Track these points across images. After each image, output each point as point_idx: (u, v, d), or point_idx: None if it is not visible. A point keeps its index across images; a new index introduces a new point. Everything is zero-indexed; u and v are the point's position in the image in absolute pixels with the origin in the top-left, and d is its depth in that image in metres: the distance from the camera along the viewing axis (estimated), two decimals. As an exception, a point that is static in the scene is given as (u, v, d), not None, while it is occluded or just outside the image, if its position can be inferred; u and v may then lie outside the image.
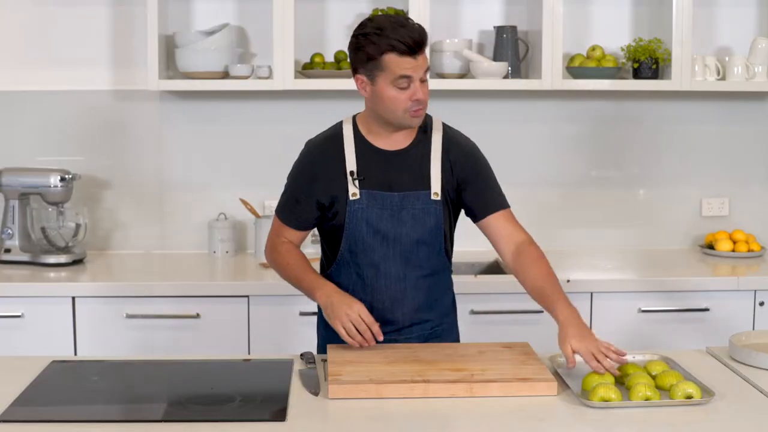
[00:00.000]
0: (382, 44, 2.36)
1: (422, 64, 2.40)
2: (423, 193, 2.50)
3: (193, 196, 3.95)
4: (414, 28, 2.38)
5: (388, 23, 2.38)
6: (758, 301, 3.50)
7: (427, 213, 2.50)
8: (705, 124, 4.05)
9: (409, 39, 2.35)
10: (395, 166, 2.50)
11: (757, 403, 2.16)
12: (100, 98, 3.89)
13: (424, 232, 2.51)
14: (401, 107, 2.41)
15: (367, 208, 2.48)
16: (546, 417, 2.07)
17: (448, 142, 2.55)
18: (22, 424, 2.02)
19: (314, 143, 2.59)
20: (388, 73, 2.38)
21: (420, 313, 2.59)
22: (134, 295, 3.38)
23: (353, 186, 2.49)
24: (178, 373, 2.39)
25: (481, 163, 2.58)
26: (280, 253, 2.58)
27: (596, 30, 3.96)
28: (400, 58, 2.36)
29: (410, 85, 2.39)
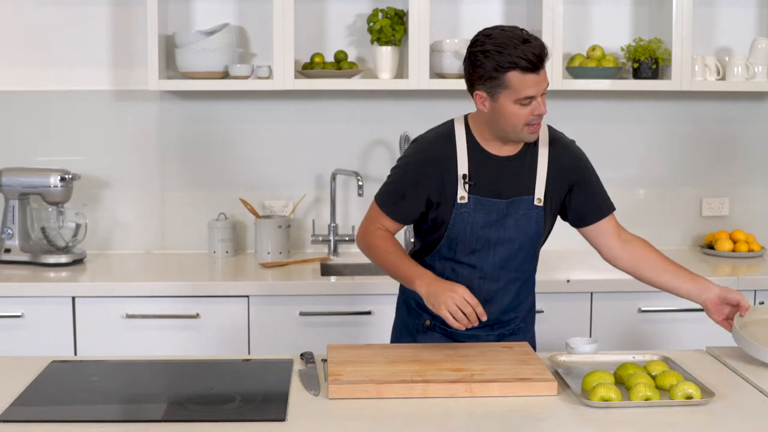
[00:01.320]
0: (504, 62, 2.32)
1: (544, 79, 2.37)
2: (526, 199, 2.50)
3: (193, 196, 3.95)
4: (536, 44, 2.34)
5: (509, 40, 2.33)
6: (758, 301, 3.50)
7: (529, 219, 2.51)
8: (705, 124, 4.05)
9: (531, 56, 2.32)
10: (505, 172, 2.49)
11: (757, 403, 2.16)
12: (100, 98, 3.89)
13: (525, 238, 2.52)
14: (522, 122, 2.39)
15: (473, 212, 2.48)
16: (546, 417, 2.07)
17: (557, 145, 2.55)
18: (22, 424, 2.02)
19: (427, 141, 2.53)
20: (512, 91, 2.35)
21: (506, 314, 2.60)
22: (134, 295, 3.38)
23: (462, 189, 2.47)
24: (178, 373, 2.39)
25: (591, 167, 2.61)
26: (375, 238, 2.54)
27: (596, 30, 3.96)
28: (523, 76, 2.33)
29: (532, 101, 2.37)
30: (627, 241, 2.61)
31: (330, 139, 3.95)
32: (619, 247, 2.60)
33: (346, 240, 3.90)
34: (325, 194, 3.96)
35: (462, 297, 2.33)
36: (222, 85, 3.70)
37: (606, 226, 2.60)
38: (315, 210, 3.98)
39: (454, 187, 2.47)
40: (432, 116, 3.92)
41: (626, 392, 2.17)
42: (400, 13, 3.74)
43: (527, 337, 2.66)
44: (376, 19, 3.74)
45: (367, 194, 3.91)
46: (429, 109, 3.90)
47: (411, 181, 2.50)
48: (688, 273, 2.55)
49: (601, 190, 2.62)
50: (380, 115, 3.95)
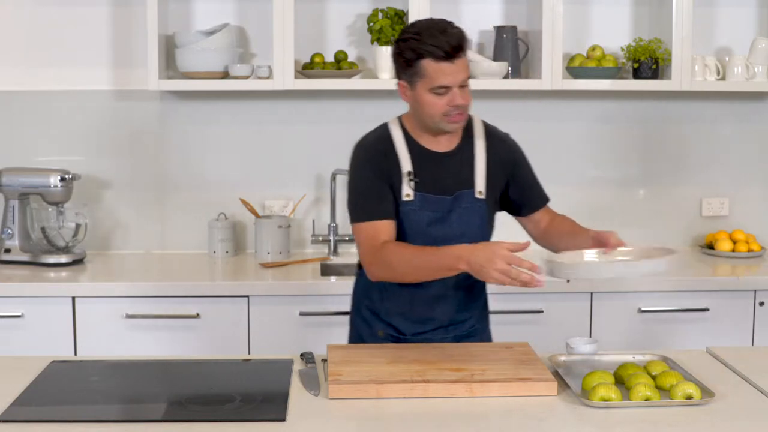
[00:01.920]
0: (419, 49, 2.36)
1: (461, 70, 2.38)
2: (468, 192, 2.52)
3: (193, 196, 3.95)
4: (452, 33, 2.36)
5: (426, 28, 2.37)
6: (758, 301, 3.50)
7: (472, 212, 2.52)
8: (705, 124, 4.05)
9: (446, 44, 2.34)
10: (445, 167, 2.51)
11: (757, 403, 2.16)
12: (100, 98, 3.89)
13: (470, 231, 2.52)
14: (439, 112, 2.41)
15: (419, 210, 2.49)
16: (546, 417, 2.07)
17: (492, 139, 2.58)
18: (22, 424, 2.02)
19: (369, 144, 2.55)
20: (427, 79, 2.38)
21: (459, 313, 2.60)
22: (134, 295, 3.38)
23: (408, 187, 2.48)
24: (178, 373, 2.39)
25: (524, 158, 2.65)
26: (391, 253, 2.40)
27: (596, 30, 3.95)
28: (436, 64, 2.35)
29: (448, 91, 2.38)
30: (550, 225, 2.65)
31: (330, 139, 3.94)
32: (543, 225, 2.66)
33: (346, 240, 3.90)
34: (325, 194, 3.96)
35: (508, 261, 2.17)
36: (222, 85, 3.70)
37: (539, 217, 2.66)
38: (315, 210, 3.98)
39: (399, 186, 2.49)
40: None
41: (626, 392, 2.17)
42: (400, 13, 3.74)
43: (483, 338, 2.67)
44: (376, 19, 3.74)
45: (367, 194, 3.91)
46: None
47: (373, 179, 2.49)
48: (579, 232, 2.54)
49: (536, 182, 2.66)
50: (380, 115, 3.90)
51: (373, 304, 2.63)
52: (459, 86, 2.39)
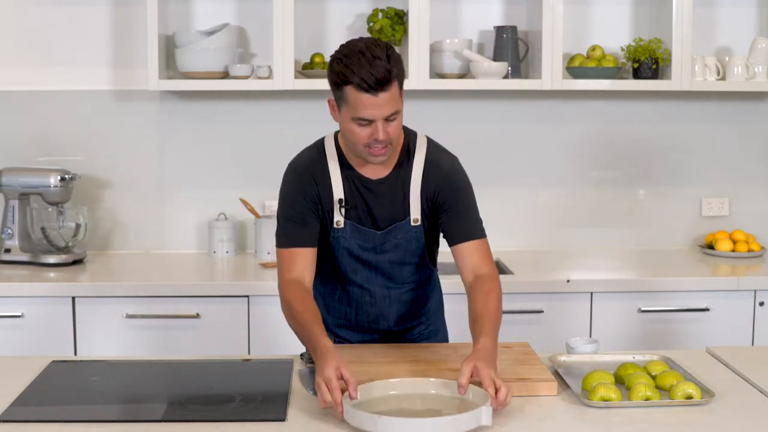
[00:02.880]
0: (342, 74, 2.22)
1: (385, 103, 2.21)
2: (402, 223, 2.43)
3: (193, 196, 3.95)
4: (380, 67, 2.18)
5: (356, 53, 2.21)
6: (758, 301, 3.50)
7: (408, 240, 2.46)
8: (705, 124, 4.05)
9: (368, 76, 2.18)
10: (377, 195, 2.42)
11: (757, 403, 2.16)
12: (100, 98, 3.89)
13: (407, 255, 2.48)
14: (361, 143, 2.28)
15: (350, 238, 2.44)
16: (546, 417, 2.06)
17: (429, 166, 2.43)
18: (22, 424, 2.02)
19: (301, 166, 2.45)
20: (349, 107, 2.24)
21: (405, 322, 2.59)
22: (134, 295, 3.38)
23: (338, 214, 2.42)
24: (178, 373, 2.39)
25: (460, 190, 2.44)
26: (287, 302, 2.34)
27: (596, 30, 3.95)
28: (359, 94, 2.20)
29: (371, 123, 2.24)
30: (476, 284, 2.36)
31: (330, 139, 3.94)
32: (468, 281, 2.40)
33: (346, 240, 3.89)
34: (325, 194, 3.95)
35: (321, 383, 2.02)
36: (222, 85, 3.69)
37: (464, 251, 2.41)
38: (315, 210, 3.97)
39: (330, 211, 2.42)
40: (432, 116, 3.94)
41: (626, 392, 2.17)
42: (400, 13, 3.74)
43: (439, 340, 2.65)
44: (376, 19, 3.74)
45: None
46: (429, 108, 3.90)
47: (300, 204, 2.41)
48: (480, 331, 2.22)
49: (470, 213, 2.44)
50: (380, 115, 3.94)
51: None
52: (384, 119, 2.23)
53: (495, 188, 3.93)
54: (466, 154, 2.61)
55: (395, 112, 2.25)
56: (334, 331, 2.60)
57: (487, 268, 2.40)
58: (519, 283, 3.45)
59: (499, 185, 3.97)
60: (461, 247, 2.41)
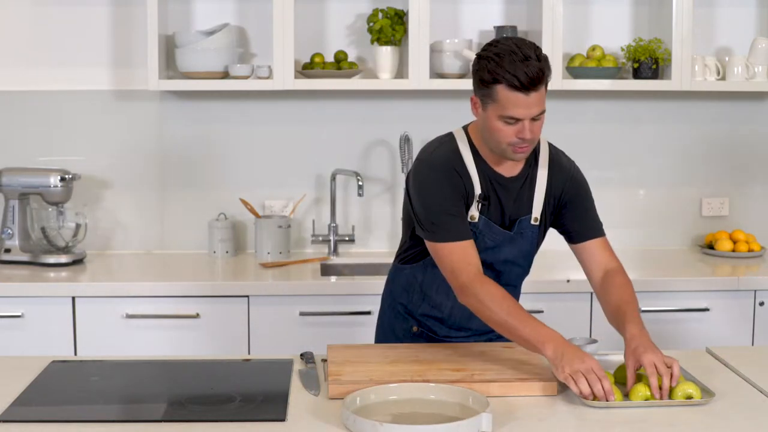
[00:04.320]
0: (495, 73, 2.24)
1: (535, 103, 2.26)
2: (525, 219, 2.47)
3: (193, 196, 3.95)
4: (533, 64, 2.22)
5: (508, 53, 2.24)
6: (758, 301, 3.50)
7: (524, 238, 2.49)
8: (705, 124, 4.05)
9: (522, 75, 2.22)
10: (508, 192, 2.45)
11: (757, 403, 2.16)
12: (100, 98, 3.89)
13: (520, 255, 2.52)
14: (505, 141, 2.31)
15: (480, 234, 2.44)
16: (546, 417, 2.06)
17: (554, 166, 2.50)
18: (22, 424, 2.02)
19: (441, 160, 2.42)
20: (498, 105, 2.27)
21: None
22: (134, 295, 3.38)
23: (475, 208, 2.43)
24: (178, 373, 2.39)
25: (583, 188, 2.54)
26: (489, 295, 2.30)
27: (596, 30, 3.95)
28: (510, 93, 2.24)
29: (519, 122, 2.28)
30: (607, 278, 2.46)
31: (330, 139, 3.95)
32: (597, 277, 2.49)
33: (346, 240, 3.90)
34: (325, 194, 3.96)
35: (589, 366, 2.12)
36: (222, 85, 3.70)
37: (591, 249, 2.51)
38: (315, 210, 3.98)
39: (469, 205, 2.43)
40: (432, 116, 3.94)
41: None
42: (400, 13, 3.74)
43: None
44: (376, 19, 3.74)
45: (367, 194, 3.92)
46: (429, 109, 3.90)
47: (452, 197, 2.39)
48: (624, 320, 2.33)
49: (592, 212, 2.55)
50: (380, 115, 3.95)
51: (411, 304, 2.61)
52: (531, 119, 2.28)
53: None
54: (466, 154, 2.60)
55: (542, 111, 2.30)
56: (420, 320, 2.60)
57: (616, 263, 2.50)
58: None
59: (499, 185, 3.97)
60: (589, 245, 2.51)
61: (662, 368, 2.13)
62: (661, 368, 2.13)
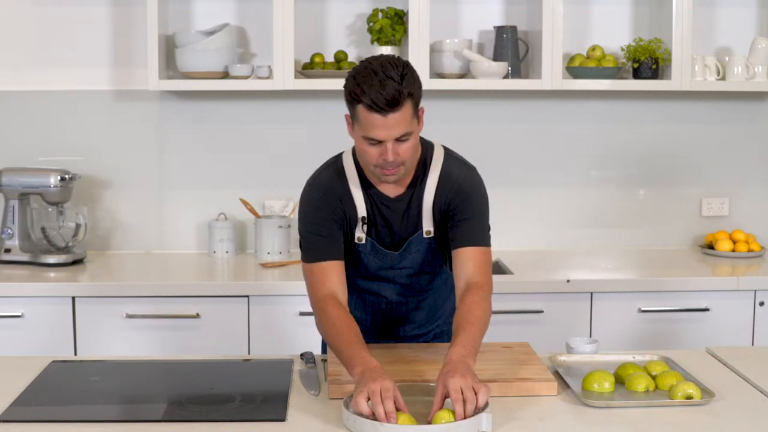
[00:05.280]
0: (354, 93, 2.18)
1: (395, 124, 2.17)
2: (415, 236, 2.43)
3: (193, 196, 3.95)
4: (391, 85, 2.14)
5: (370, 73, 2.16)
6: (758, 301, 3.50)
7: (422, 252, 2.46)
8: (705, 124, 4.05)
9: (377, 96, 2.14)
10: (395, 212, 2.42)
11: (757, 403, 2.16)
12: (100, 98, 3.89)
13: (423, 266, 2.49)
14: (371, 162, 2.25)
15: (369, 255, 2.44)
16: (546, 417, 2.07)
17: (443, 180, 2.41)
18: (22, 424, 2.02)
19: (324, 184, 2.40)
20: (360, 125, 2.21)
21: (422, 327, 2.61)
22: (134, 295, 3.38)
23: (360, 230, 2.41)
24: (178, 373, 2.39)
25: (469, 199, 2.41)
26: (327, 317, 2.30)
27: (596, 30, 3.95)
28: (368, 114, 2.17)
29: (381, 143, 2.21)
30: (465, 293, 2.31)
31: (330, 139, 3.92)
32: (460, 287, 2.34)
33: (346, 240, 3.89)
34: (325, 194, 3.95)
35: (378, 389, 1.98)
36: (222, 85, 3.70)
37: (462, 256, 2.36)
38: (315, 210, 3.97)
39: (353, 227, 2.41)
40: (432, 116, 3.91)
41: (626, 392, 2.18)
42: (400, 13, 3.74)
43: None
44: (376, 19, 3.74)
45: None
46: (429, 109, 3.87)
47: (326, 220, 2.37)
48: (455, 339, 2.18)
49: (476, 221, 2.40)
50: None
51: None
52: (396, 140, 2.20)
53: (494, 188, 3.88)
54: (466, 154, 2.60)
55: (406, 133, 2.21)
56: None
57: (481, 278, 2.33)
58: (519, 283, 3.45)
59: (499, 185, 3.96)
60: (459, 252, 2.37)
61: (468, 394, 1.98)
62: (466, 394, 1.98)
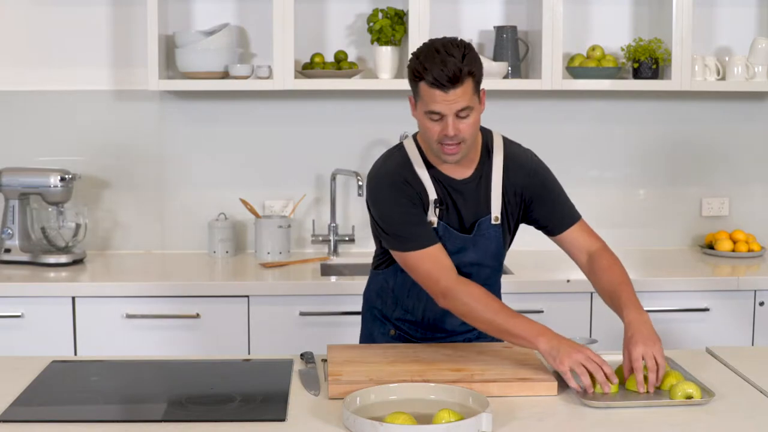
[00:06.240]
0: (416, 71, 2.28)
1: (456, 100, 2.26)
2: (485, 220, 2.46)
3: (193, 196, 3.95)
4: (451, 64, 2.23)
5: (428, 52, 2.27)
6: (758, 301, 3.50)
7: (488, 239, 2.48)
8: (705, 124, 4.05)
9: (439, 72, 2.24)
10: (464, 195, 2.45)
11: (757, 403, 2.16)
12: (100, 98, 3.89)
13: (486, 257, 2.50)
14: (433, 138, 2.32)
15: (440, 239, 2.43)
16: (546, 417, 2.07)
17: (510, 163, 2.47)
18: (22, 424, 2.02)
19: (392, 171, 2.43)
20: (422, 101, 2.30)
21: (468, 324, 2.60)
22: (134, 295, 3.38)
23: (433, 214, 2.43)
24: (178, 373, 2.39)
25: (548, 180, 2.52)
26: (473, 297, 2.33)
27: (596, 30, 3.95)
28: (430, 90, 2.26)
29: (442, 118, 2.29)
30: (593, 261, 2.49)
31: (330, 139, 3.95)
32: (583, 261, 2.52)
33: (346, 240, 3.90)
34: (325, 194, 3.96)
35: (586, 356, 2.16)
36: (222, 85, 3.70)
37: (570, 236, 2.52)
38: (315, 210, 3.98)
39: (426, 212, 2.43)
40: (432, 116, 3.94)
41: (626, 392, 2.18)
42: (400, 13, 3.74)
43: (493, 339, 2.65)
44: (376, 19, 3.74)
45: (367, 194, 3.91)
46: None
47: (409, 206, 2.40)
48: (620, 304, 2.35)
49: (564, 200, 2.54)
50: (380, 115, 3.95)
51: (386, 308, 2.62)
52: (455, 115, 2.28)
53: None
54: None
55: (466, 107, 2.28)
56: (396, 323, 2.61)
57: (598, 243, 2.52)
58: (519, 283, 3.45)
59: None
60: (568, 234, 2.51)
61: (650, 363, 2.17)
62: (649, 363, 2.17)
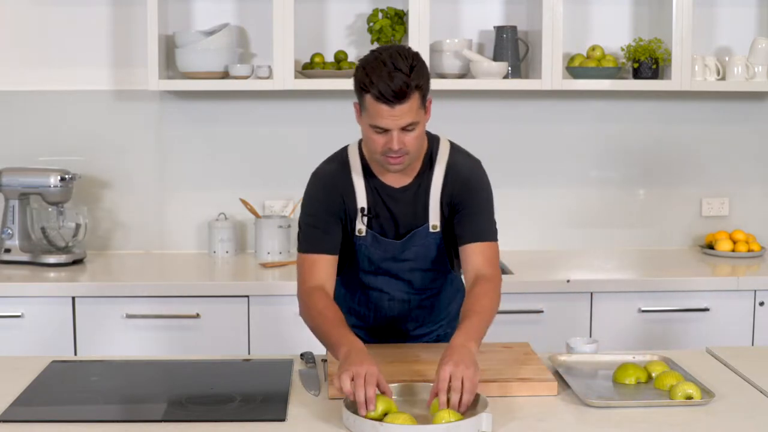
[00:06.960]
0: (363, 84, 2.23)
1: (401, 116, 2.21)
2: (421, 229, 2.44)
3: (193, 196, 3.95)
4: (399, 77, 2.19)
5: (375, 65, 2.22)
6: (758, 301, 3.50)
7: (427, 247, 2.47)
8: (705, 124, 4.05)
9: (385, 88, 2.19)
10: (400, 203, 2.43)
11: (757, 403, 2.16)
12: (100, 98, 3.89)
13: (427, 262, 2.49)
14: (378, 150, 2.28)
15: (370, 246, 2.45)
16: (546, 417, 2.07)
17: (450, 172, 2.43)
18: (22, 424, 2.02)
19: (326, 175, 2.45)
20: (368, 114, 2.26)
21: (425, 327, 2.61)
22: (134, 295, 3.38)
23: (360, 222, 2.43)
24: (178, 373, 2.39)
25: (476, 193, 2.45)
26: (313, 307, 2.34)
27: (596, 30, 3.95)
28: (375, 103, 2.22)
29: (387, 131, 2.24)
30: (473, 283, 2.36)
31: (330, 139, 3.91)
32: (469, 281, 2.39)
33: (346, 240, 3.89)
34: (325, 194, 3.96)
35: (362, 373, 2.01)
36: (222, 85, 3.69)
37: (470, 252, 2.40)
38: (315, 210, 3.97)
39: (353, 219, 2.43)
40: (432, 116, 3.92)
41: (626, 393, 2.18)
42: (400, 13, 3.74)
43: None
44: (376, 19, 3.74)
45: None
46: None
47: (323, 212, 2.41)
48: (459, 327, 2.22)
49: (482, 216, 2.43)
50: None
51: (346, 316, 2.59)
52: (401, 129, 2.24)
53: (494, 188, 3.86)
54: (466, 154, 2.60)
55: (412, 123, 2.24)
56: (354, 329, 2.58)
57: (489, 270, 2.38)
58: (519, 283, 3.45)
59: (499, 185, 3.92)
60: (467, 248, 2.40)
61: (455, 383, 2.02)
62: (454, 383, 2.02)
